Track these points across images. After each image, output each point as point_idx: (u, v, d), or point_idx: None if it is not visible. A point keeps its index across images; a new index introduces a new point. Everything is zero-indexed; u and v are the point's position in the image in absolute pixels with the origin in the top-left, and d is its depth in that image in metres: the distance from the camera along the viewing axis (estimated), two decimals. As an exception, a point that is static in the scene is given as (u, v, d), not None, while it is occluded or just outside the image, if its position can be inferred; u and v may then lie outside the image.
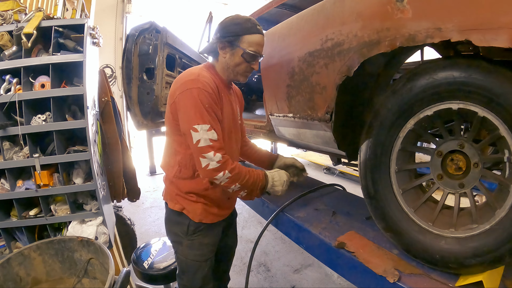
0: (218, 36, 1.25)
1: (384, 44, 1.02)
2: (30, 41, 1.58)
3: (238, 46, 1.22)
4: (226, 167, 1.15)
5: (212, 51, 1.32)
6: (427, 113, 1.03)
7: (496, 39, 0.79)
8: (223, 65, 1.29)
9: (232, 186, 1.19)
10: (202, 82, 1.17)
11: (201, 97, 1.14)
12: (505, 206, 0.93)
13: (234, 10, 6.37)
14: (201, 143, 1.12)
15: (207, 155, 1.13)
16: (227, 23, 1.24)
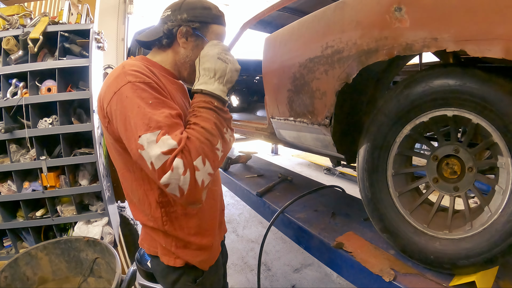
0: (183, 18, 0.92)
1: (382, 53, 1.05)
2: (36, 46, 1.62)
3: (204, 36, 0.95)
4: (190, 160, 0.75)
5: (163, 39, 0.94)
6: (423, 119, 1.07)
7: (490, 50, 0.82)
8: (179, 58, 0.97)
9: (218, 153, 0.83)
10: (132, 72, 0.80)
11: (137, 93, 0.77)
12: (497, 210, 0.97)
13: (236, 11, 6.38)
14: (155, 165, 0.73)
15: (167, 179, 0.73)
16: (194, 4, 0.95)
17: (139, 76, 0.80)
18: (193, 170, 0.75)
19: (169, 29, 0.92)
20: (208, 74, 0.89)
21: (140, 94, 0.77)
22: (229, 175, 2.33)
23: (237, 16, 6.03)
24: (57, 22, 1.77)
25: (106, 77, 0.87)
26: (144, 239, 1.06)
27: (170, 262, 0.99)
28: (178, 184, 0.74)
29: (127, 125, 0.76)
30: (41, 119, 1.69)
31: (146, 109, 0.75)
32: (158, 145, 0.73)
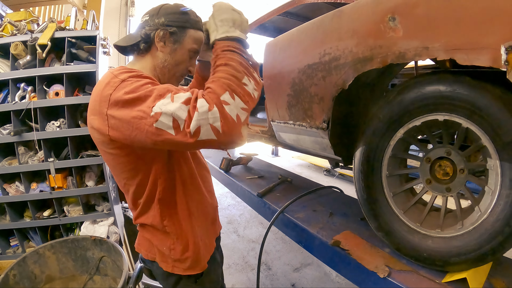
0: (161, 22, 0.91)
1: (377, 61, 1.11)
2: (44, 52, 1.68)
3: (182, 41, 0.94)
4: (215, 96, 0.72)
5: (141, 43, 0.93)
6: (415, 124, 1.12)
7: (479, 59, 0.86)
8: (158, 62, 0.95)
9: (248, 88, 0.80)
10: (121, 73, 0.80)
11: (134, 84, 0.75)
12: (487, 210, 1.01)
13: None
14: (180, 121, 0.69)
15: (196, 122, 0.69)
16: (172, 9, 0.95)
17: (129, 72, 0.80)
18: (221, 104, 0.71)
19: (146, 34, 0.92)
20: (227, 23, 0.90)
21: (137, 84, 0.75)
22: (230, 176, 2.37)
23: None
24: (64, 28, 1.82)
25: (94, 89, 0.84)
26: (141, 244, 1.07)
27: (169, 269, 1.01)
28: (208, 123, 0.69)
29: (135, 111, 0.72)
30: (49, 122, 1.75)
31: (149, 88, 0.74)
32: (175, 102, 0.70)
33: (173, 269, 1.01)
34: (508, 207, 0.95)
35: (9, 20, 1.80)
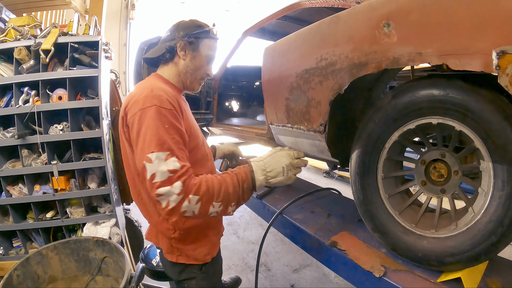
0: (180, 35, 1.11)
1: (372, 66, 1.14)
2: (48, 57, 1.71)
3: (199, 49, 1.14)
4: (189, 191, 0.88)
5: (166, 53, 1.13)
6: (410, 127, 1.15)
7: (470, 64, 0.89)
8: (181, 68, 1.14)
9: (211, 209, 0.92)
10: (159, 97, 0.94)
11: (159, 116, 0.91)
12: (480, 210, 1.04)
13: (236, 16, 6.49)
14: (157, 178, 0.85)
15: (162, 191, 0.85)
16: (188, 24, 1.15)
17: (163, 102, 0.94)
18: (185, 198, 0.88)
19: (170, 46, 1.12)
20: (266, 170, 1.02)
21: (160, 118, 0.91)
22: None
23: (237, 22, 6.15)
24: (66, 33, 1.85)
25: (134, 90, 1.02)
26: (150, 233, 1.22)
27: (173, 259, 1.13)
28: (169, 199, 0.86)
29: (142, 138, 0.89)
30: (52, 126, 1.78)
31: (162, 132, 0.90)
32: (166, 163, 0.87)
33: (178, 258, 1.13)
34: (501, 208, 0.97)
35: (12, 25, 1.84)
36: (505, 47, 0.81)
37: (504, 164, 0.95)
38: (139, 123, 0.91)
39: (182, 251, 1.12)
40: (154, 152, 0.87)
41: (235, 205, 0.99)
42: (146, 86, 0.99)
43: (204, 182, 0.92)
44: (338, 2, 1.50)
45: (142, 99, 0.93)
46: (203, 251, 1.14)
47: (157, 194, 0.86)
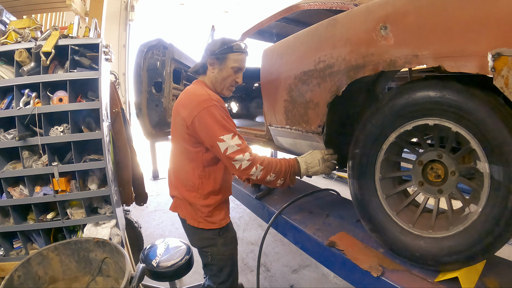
0: (208, 54, 1.41)
1: (369, 68, 1.15)
2: (48, 59, 1.72)
3: (225, 63, 1.40)
4: (256, 161, 1.28)
5: (200, 68, 1.47)
6: (407, 128, 1.16)
7: (466, 66, 0.91)
8: (212, 79, 1.44)
9: (268, 177, 1.31)
10: (215, 99, 1.31)
11: (218, 111, 1.28)
12: (477, 211, 1.04)
13: (235, 18, 6.49)
14: (229, 150, 1.26)
15: (237, 157, 1.26)
16: (215, 43, 1.42)
17: (218, 102, 1.32)
18: (253, 165, 1.28)
19: (203, 62, 1.45)
20: (307, 163, 1.40)
21: (220, 113, 1.29)
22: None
23: (236, 23, 6.18)
24: (67, 36, 1.87)
25: (188, 96, 1.39)
26: (177, 206, 1.52)
27: (195, 224, 1.44)
28: (241, 163, 1.27)
29: (213, 127, 1.27)
30: (53, 128, 1.79)
31: (224, 121, 1.29)
32: (233, 140, 1.27)
33: (199, 224, 1.44)
34: (497, 208, 0.98)
35: (13, 28, 1.85)
36: (500, 49, 0.83)
37: (500, 165, 0.96)
38: (208, 117, 1.27)
39: (202, 216, 1.42)
40: (224, 134, 1.26)
41: (283, 181, 1.36)
42: (202, 93, 1.33)
43: (266, 159, 1.32)
44: (336, 4, 1.51)
45: (204, 101, 1.29)
46: (220, 216, 1.46)
47: (233, 159, 1.27)
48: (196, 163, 1.40)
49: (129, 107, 5.35)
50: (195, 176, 1.41)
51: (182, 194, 1.46)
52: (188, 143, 1.38)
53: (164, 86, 1.92)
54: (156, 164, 5.38)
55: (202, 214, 1.42)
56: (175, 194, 1.53)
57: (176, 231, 3.36)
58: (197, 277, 2.49)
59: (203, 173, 1.41)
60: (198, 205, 1.42)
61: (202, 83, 1.45)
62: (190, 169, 1.41)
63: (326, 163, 1.41)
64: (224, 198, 1.52)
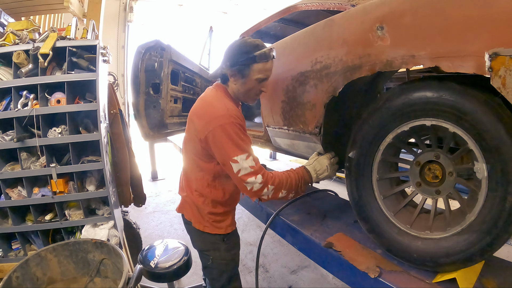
0: (228, 65, 1.28)
1: (365, 69, 1.15)
2: (46, 61, 1.72)
3: (248, 75, 1.26)
4: (267, 182, 1.23)
5: (221, 77, 1.36)
6: (404, 129, 1.15)
7: (463, 66, 0.90)
8: (234, 90, 1.34)
9: (279, 194, 1.28)
10: (232, 115, 1.23)
11: (234, 129, 1.21)
12: (475, 211, 1.04)
13: (234, 19, 6.49)
14: (242, 172, 1.21)
15: (249, 180, 1.21)
16: (235, 51, 1.26)
17: (237, 119, 1.23)
18: (265, 187, 1.23)
19: (223, 74, 1.34)
20: (316, 170, 1.38)
21: (236, 131, 1.22)
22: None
23: (235, 24, 6.18)
24: (64, 37, 1.87)
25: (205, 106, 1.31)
26: (183, 207, 1.49)
27: (201, 228, 1.41)
28: (253, 185, 1.22)
29: (225, 146, 1.20)
30: (51, 129, 1.79)
31: (239, 140, 1.21)
32: (246, 162, 1.21)
33: (204, 228, 1.40)
34: (495, 209, 0.98)
35: (11, 29, 1.85)
36: (497, 49, 0.82)
37: (497, 165, 0.95)
38: (222, 135, 1.20)
39: (209, 221, 1.39)
40: (238, 155, 1.20)
41: (294, 193, 1.33)
42: (220, 106, 1.25)
43: (277, 177, 1.27)
44: (334, 5, 1.51)
45: (221, 116, 1.21)
46: (226, 222, 1.43)
47: (245, 181, 1.21)
48: (207, 173, 1.36)
49: (128, 108, 5.35)
50: (204, 185, 1.38)
51: (190, 197, 1.43)
52: (200, 156, 1.33)
53: (162, 87, 1.93)
54: (155, 165, 5.38)
55: (209, 219, 1.40)
56: (182, 195, 1.51)
57: (175, 232, 3.36)
58: (196, 278, 2.49)
59: (212, 183, 1.37)
60: (205, 211, 1.39)
61: (223, 90, 1.35)
62: (200, 177, 1.38)
63: (333, 166, 1.39)
64: (232, 207, 1.49)
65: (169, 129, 2.10)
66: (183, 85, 2.21)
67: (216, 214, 1.40)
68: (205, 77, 2.52)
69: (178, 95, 2.15)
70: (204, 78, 2.51)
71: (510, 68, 0.81)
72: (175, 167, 5.68)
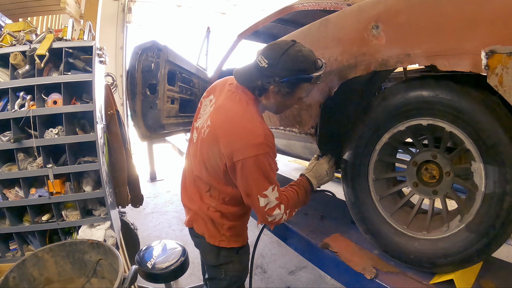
0: (275, 77, 1.07)
1: (360, 68, 1.14)
2: (43, 62, 1.72)
3: (294, 93, 1.12)
4: (287, 208, 1.17)
5: (257, 89, 1.13)
6: (400, 128, 1.15)
7: (459, 64, 0.90)
8: (267, 105, 1.18)
9: (293, 213, 1.23)
10: (269, 144, 1.08)
11: (269, 160, 1.08)
12: (472, 212, 1.03)
13: (232, 19, 6.50)
14: (269, 206, 1.11)
15: (275, 213, 1.13)
16: (292, 64, 1.06)
17: (272, 148, 1.10)
18: (284, 214, 1.17)
19: (264, 86, 1.10)
20: (316, 176, 1.33)
21: (270, 161, 1.09)
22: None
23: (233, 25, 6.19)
24: (61, 38, 1.86)
25: (242, 127, 1.09)
26: (194, 220, 1.33)
27: (216, 243, 1.28)
28: (276, 217, 1.14)
29: (256, 180, 1.08)
30: (47, 130, 1.79)
31: (270, 172, 1.10)
32: (273, 194, 1.11)
33: (220, 243, 1.29)
34: (493, 209, 0.97)
35: (8, 31, 1.85)
36: (494, 46, 0.82)
37: (495, 165, 0.95)
38: (255, 167, 1.06)
39: (226, 235, 1.28)
40: (267, 189, 1.09)
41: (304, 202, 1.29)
42: (257, 130, 1.07)
43: (290, 199, 1.21)
44: (330, 5, 1.50)
45: (257, 146, 1.05)
46: (244, 235, 1.37)
47: (271, 215, 1.14)
48: (223, 192, 1.23)
49: (126, 109, 5.36)
50: (219, 202, 1.25)
51: (205, 212, 1.28)
52: (218, 177, 1.19)
53: (159, 88, 1.93)
54: (154, 166, 5.37)
55: (226, 233, 1.28)
56: (192, 208, 1.33)
57: (173, 233, 3.35)
58: (194, 279, 2.48)
59: (230, 202, 1.25)
60: (224, 226, 1.27)
61: (255, 105, 1.16)
62: (215, 195, 1.24)
63: (331, 170, 1.35)
64: (248, 217, 1.41)
65: (166, 129, 2.09)
66: (180, 86, 2.20)
67: (236, 227, 1.31)
68: (202, 77, 2.51)
69: (175, 96, 2.14)
70: (202, 78, 2.50)
71: (507, 66, 0.81)
72: (174, 168, 5.67)
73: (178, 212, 3.93)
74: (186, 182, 1.38)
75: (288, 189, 1.25)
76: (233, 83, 1.21)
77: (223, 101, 1.19)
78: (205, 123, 1.21)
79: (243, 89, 1.17)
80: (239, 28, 2.53)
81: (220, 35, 5.85)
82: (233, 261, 1.33)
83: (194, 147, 1.30)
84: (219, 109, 1.18)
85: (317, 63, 1.11)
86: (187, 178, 1.37)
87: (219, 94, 1.24)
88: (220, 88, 1.27)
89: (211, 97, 1.28)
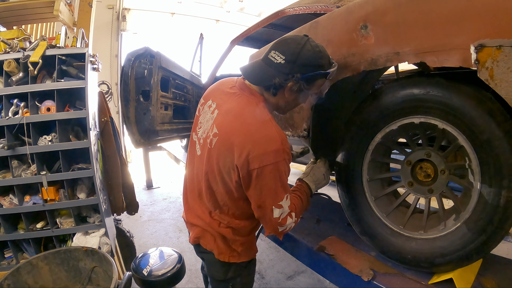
0: (292, 73, 1.01)
1: (350, 69, 1.14)
2: (36, 69, 1.73)
3: (308, 89, 1.07)
4: (295, 217, 1.11)
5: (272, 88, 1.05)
6: (392, 128, 1.15)
7: (449, 60, 0.90)
8: (280, 103, 1.11)
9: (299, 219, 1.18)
10: (286, 150, 1.01)
11: (285, 168, 1.02)
12: (469, 209, 1.03)
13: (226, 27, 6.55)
14: (282, 216, 1.05)
15: (287, 223, 1.07)
16: (310, 61, 1.02)
17: (289, 155, 1.03)
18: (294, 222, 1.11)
19: (280, 84, 1.03)
20: (314, 181, 1.27)
21: (286, 169, 1.03)
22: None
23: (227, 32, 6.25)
24: (54, 46, 1.87)
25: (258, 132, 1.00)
26: (201, 237, 1.24)
27: (225, 259, 1.20)
28: (287, 227, 1.09)
29: (273, 189, 1.02)
30: (41, 137, 1.78)
31: (285, 180, 1.04)
32: (286, 202, 1.05)
33: (230, 258, 1.21)
34: (490, 205, 0.96)
35: (2, 38, 1.86)
36: (483, 40, 0.82)
37: (490, 160, 0.94)
38: (271, 176, 0.99)
39: (237, 251, 1.20)
40: (283, 199, 1.03)
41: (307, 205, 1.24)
42: (274, 135, 1.00)
43: (298, 209, 1.15)
44: (320, 8, 1.51)
45: (275, 153, 0.98)
46: (254, 249, 1.28)
47: (283, 225, 1.07)
48: (232, 207, 1.15)
49: (122, 117, 5.34)
50: (230, 217, 1.17)
51: (215, 228, 1.19)
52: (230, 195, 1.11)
53: (152, 94, 1.92)
54: (150, 173, 5.34)
55: (238, 248, 1.20)
56: (198, 224, 1.24)
57: (169, 240, 3.31)
58: (191, 286, 2.45)
59: (240, 216, 1.17)
60: (238, 242, 1.19)
61: (264, 104, 1.09)
62: (225, 210, 1.16)
63: (327, 173, 1.30)
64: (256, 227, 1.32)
65: (160, 136, 2.08)
66: (174, 92, 2.20)
67: (248, 242, 1.24)
68: (196, 83, 2.52)
69: (168, 102, 2.14)
70: (196, 84, 2.51)
71: (497, 59, 0.81)
72: (170, 175, 5.66)
73: (175, 220, 3.90)
74: (189, 198, 1.28)
75: (292, 195, 1.16)
76: (235, 85, 1.14)
77: (230, 105, 1.09)
78: (209, 131, 1.10)
79: (249, 90, 1.10)
80: (233, 34, 2.55)
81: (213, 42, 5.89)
82: (241, 274, 1.25)
83: (199, 160, 1.18)
84: (227, 114, 1.07)
85: (331, 58, 1.09)
86: (191, 194, 1.27)
87: (221, 98, 1.14)
88: (219, 92, 1.17)
89: (210, 103, 1.16)
